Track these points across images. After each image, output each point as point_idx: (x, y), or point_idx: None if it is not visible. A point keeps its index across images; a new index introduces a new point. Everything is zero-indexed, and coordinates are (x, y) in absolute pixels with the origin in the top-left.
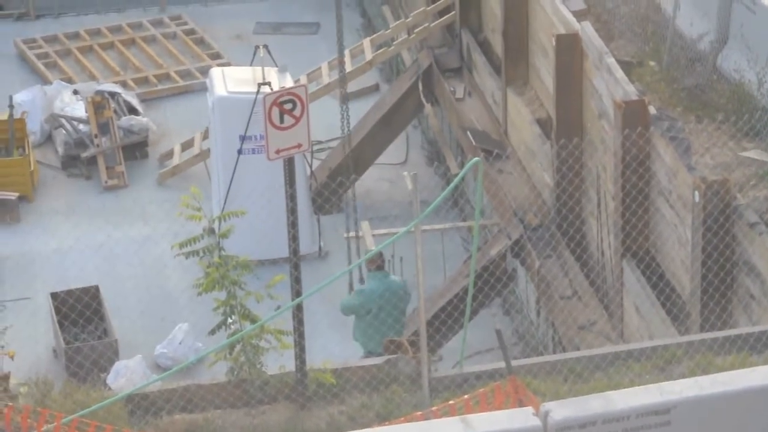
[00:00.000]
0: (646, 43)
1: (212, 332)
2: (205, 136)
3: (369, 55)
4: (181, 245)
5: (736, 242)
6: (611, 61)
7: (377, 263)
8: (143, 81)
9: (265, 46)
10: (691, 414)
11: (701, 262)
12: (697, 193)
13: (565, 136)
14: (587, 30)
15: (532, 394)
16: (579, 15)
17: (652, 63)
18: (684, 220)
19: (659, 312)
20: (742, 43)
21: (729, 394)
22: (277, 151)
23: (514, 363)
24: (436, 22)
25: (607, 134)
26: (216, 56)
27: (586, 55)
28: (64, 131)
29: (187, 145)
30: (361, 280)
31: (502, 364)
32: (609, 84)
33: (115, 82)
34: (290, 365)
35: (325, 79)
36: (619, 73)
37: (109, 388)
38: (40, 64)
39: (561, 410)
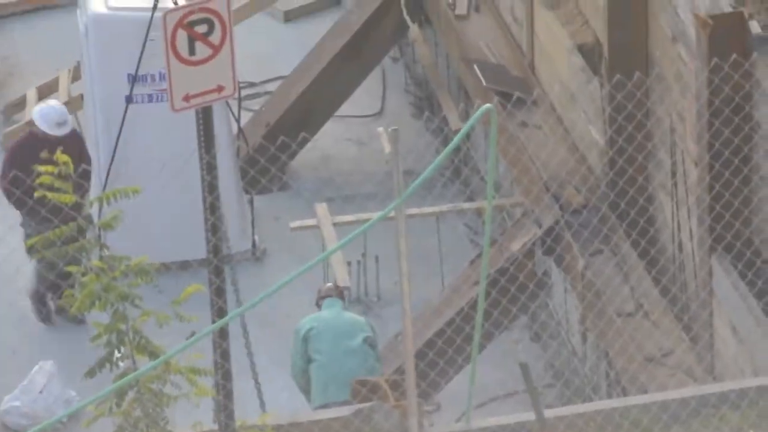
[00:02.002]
0: None
1: (90, 374)
2: (76, 75)
3: None
4: (43, 242)
5: None
6: None
7: (330, 292)
8: None
9: None
10: None
11: None
12: None
13: (621, 70)
14: None
15: None
16: None
17: None
18: None
19: None
20: None
21: None
22: (186, 98)
23: (548, 413)
24: None
25: (685, 66)
26: None
27: None
28: None
29: (47, 90)
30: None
31: (531, 416)
32: None
33: None
34: (210, 421)
35: None
36: None
37: None
38: None
39: None
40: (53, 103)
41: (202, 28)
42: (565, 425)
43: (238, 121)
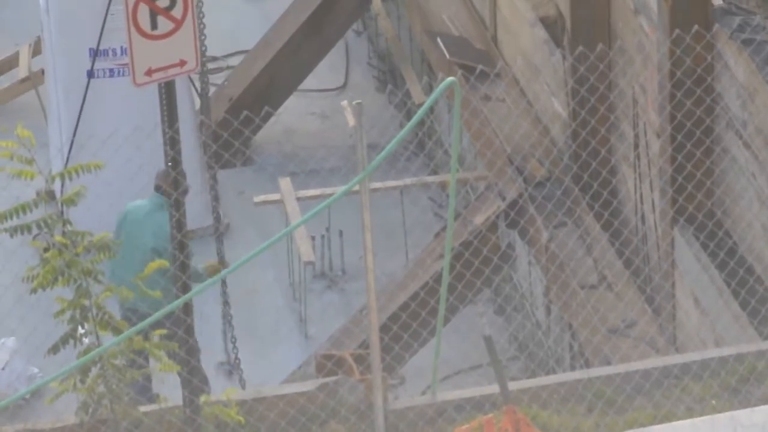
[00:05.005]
0: None
1: (54, 350)
2: (37, 50)
3: None
4: (4, 217)
5: None
6: None
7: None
8: None
9: None
10: None
11: None
12: None
13: (584, 42)
14: None
15: None
16: None
17: None
18: (767, 165)
19: (730, 305)
20: None
21: None
22: (149, 72)
23: (512, 386)
24: None
25: (647, 38)
26: None
27: None
28: None
29: (7, 65)
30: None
31: (495, 388)
32: None
33: None
34: (174, 397)
35: None
36: None
37: None
38: None
39: None
40: None
41: (164, 2)
42: (529, 397)
43: (200, 95)
